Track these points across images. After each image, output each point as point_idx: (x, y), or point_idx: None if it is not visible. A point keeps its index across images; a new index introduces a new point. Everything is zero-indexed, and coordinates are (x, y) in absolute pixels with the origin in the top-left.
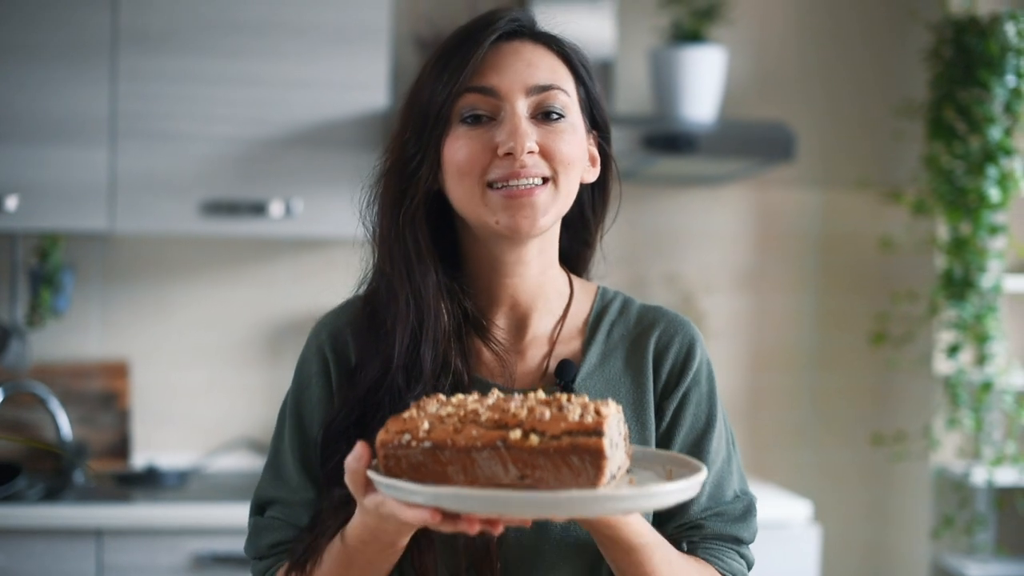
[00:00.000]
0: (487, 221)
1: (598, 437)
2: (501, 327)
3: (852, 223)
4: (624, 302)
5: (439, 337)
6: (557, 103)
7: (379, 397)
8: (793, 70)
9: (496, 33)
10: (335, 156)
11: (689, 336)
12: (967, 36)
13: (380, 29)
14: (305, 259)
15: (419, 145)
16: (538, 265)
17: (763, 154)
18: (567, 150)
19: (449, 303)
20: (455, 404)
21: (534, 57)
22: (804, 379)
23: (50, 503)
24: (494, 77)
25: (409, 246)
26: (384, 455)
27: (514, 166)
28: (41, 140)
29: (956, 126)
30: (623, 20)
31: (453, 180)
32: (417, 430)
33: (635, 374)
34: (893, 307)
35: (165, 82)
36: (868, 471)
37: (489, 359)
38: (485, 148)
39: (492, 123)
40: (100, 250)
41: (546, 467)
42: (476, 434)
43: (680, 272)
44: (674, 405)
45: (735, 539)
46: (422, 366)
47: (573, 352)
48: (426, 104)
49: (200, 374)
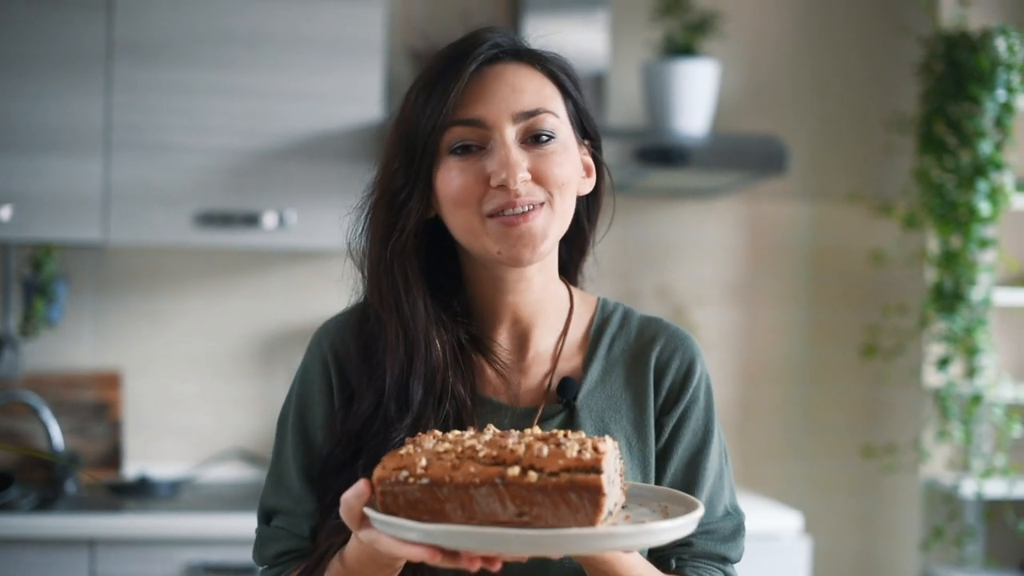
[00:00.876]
0: (488, 250)
1: (596, 474)
2: (503, 345)
3: (843, 236)
4: (624, 314)
5: (432, 368)
6: (546, 126)
7: (374, 428)
8: (785, 84)
9: (477, 61)
10: (329, 168)
11: (690, 352)
12: (958, 51)
13: (374, 41)
14: (298, 270)
15: (408, 176)
16: (539, 281)
17: (755, 167)
18: (559, 172)
19: (443, 332)
20: (452, 440)
21: (518, 80)
22: (795, 391)
23: (43, 513)
24: (479, 108)
25: (397, 279)
26: (381, 491)
27: (509, 196)
28: (36, 150)
29: (947, 140)
30: (616, 34)
31: (449, 211)
32: (414, 467)
33: (636, 390)
34: (884, 320)
35: (160, 93)
36: (858, 483)
37: (493, 377)
38: (478, 179)
39: (482, 152)
40: (93, 260)
41: (544, 504)
42: (474, 471)
43: (672, 284)
44: (673, 421)
45: (722, 558)
46: (412, 398)
47: (574, 368)
48: (412, 135)
49: (193, 385)
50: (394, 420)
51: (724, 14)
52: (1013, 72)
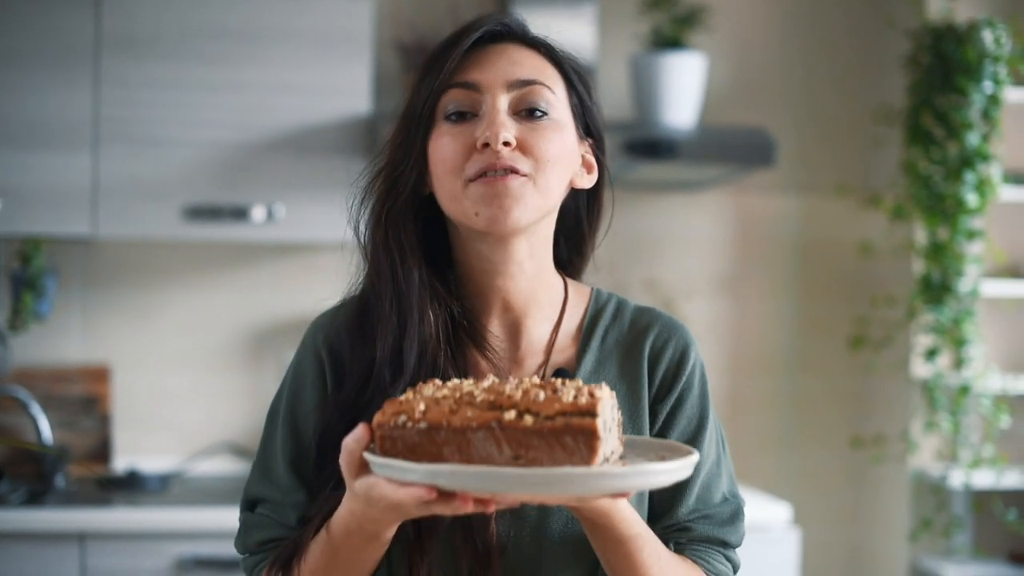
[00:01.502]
0: (468, 215)
1: (592, 418)
2: (497, 335)
3: (831, 228)
4: (618, 305)
5: (425, 337)
6: (541, 100)
7: (368, 396)
8: (773, 77)
9: (480, 31)
10: (317, 161)
11: (683, 340)
12: (945, 43)
13: (362, 35)
14: (287, 264)
15: (406, 146)
16: (530, 268)
17: (743, 160)
18: (547, 147)
19: (436, 306)
20: (451, 387)
21: (520, 56)
22: (784, 383)
23: (32, 507)
24: (476, 73)
25: (392, 246)
26: (380, 436)
27: (491, 158)
28: (24, 144)
29: (934, 132)
30: (604, 26)
31: (438, 180)
32: (413, 411)
33: (630, 380)
34: (872, 311)
35: (148, 87)
36: (847, 474)
37: (486, 368)
38: (466, 144)
39: (475, 120)
40: (82, 254)
41: (540, 447)
42: (471, 415)
43: (660, 277)
44: (667, 408)
45: (722, 542)
46: (405, 361)
47: (568, 359)
48: (412, 105)
49: (182, 378)
50: (387, 386)
51: (711, 7)
52: (1000, 64)
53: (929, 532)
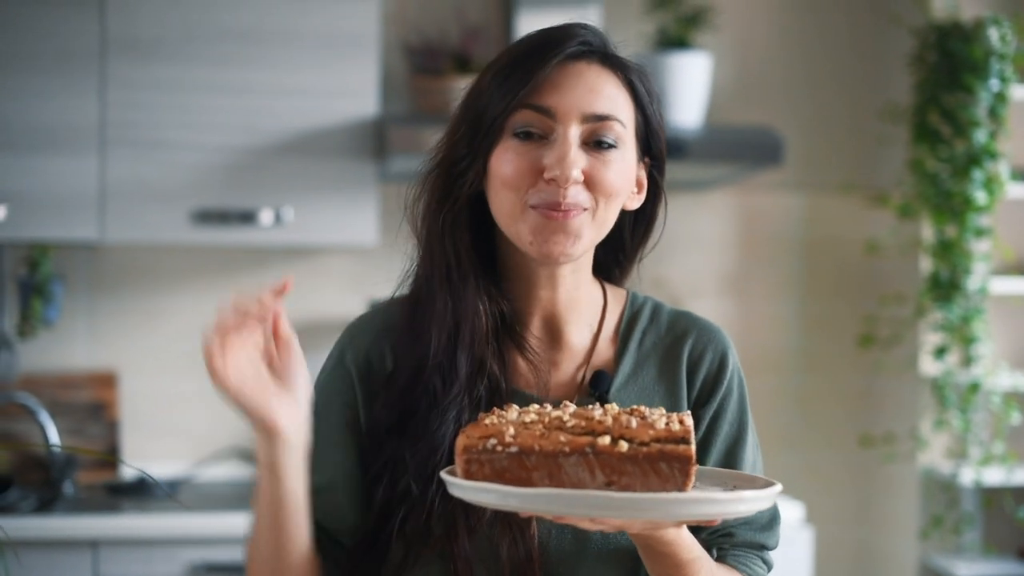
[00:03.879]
0: (522, 240)
1: (687, 445)
2: (536, 336)
3: (838, 227)
4: (654, 308)
5: (476, 339)
6: (611, 134)
7: (415, 399)
8: (778, 75)
9: (564, 53)
10: (325, 164)
11: (722, 345)
12: (951, 41)
13: (369, 37)
14: (295, 267)
15: (469, 149)
16: (572, 282)
17: (750, 159)
18: (612, 180)
19: (488, 305)
20: (537, 412)
21: (597, 83)
22: (791, 382)
23: (43, 514)
24: (553, 97)
25: (448, 248)
26: (467, 459)
27: (556, 195)
28: (30, 149)
29: (941, 130)
30: (609, 26)
31: (496, 190)
32: (503, 435)
33: (668, 383)
34: (880, 309)
35: (154, 91)
36: (857, 473)
37: (524, 370)
38: (532, 167)
39: (543, 142)
40: (88, 260)
41: (634, 473)
42: (564, 440)
43: (666, 276)
44: (709, 415)
45: (761, 546)
46: (457, 368)
47: (606, 361)
48: (482, 111)
49: (189, 383)
50: (438, 392)
51: (716, 7)
52: (1006, 62)
53: (939, 530)
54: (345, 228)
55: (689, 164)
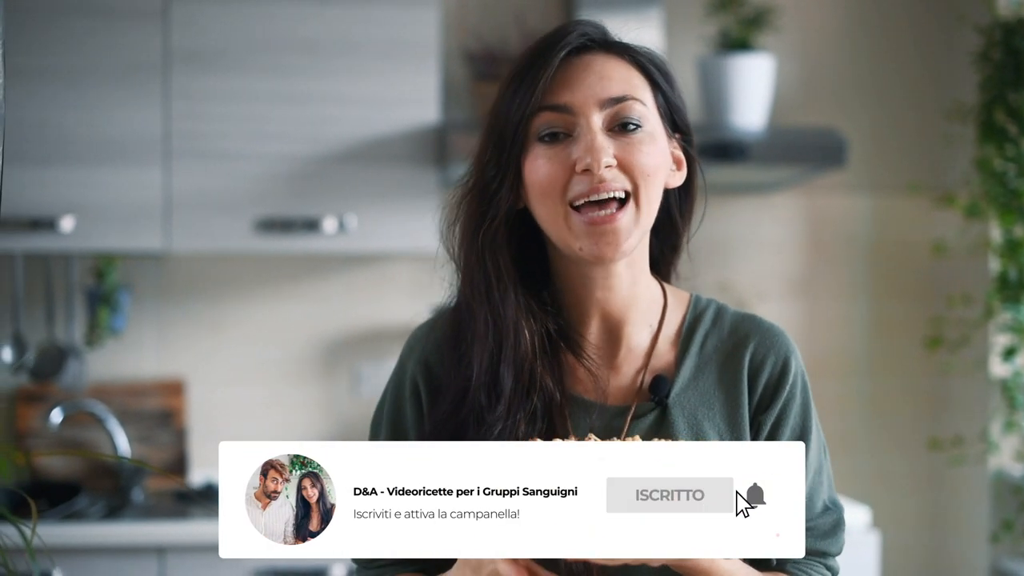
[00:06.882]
0: (571, 246)
1: None
2: (593, 342)
3: (904, 228)
4: (717, 311)
5: (521, 357)
6: (633, 114)
7: (462, 416)
8: (841, 76)
9: (566, 49)
10: (387, 172)
11: (784, 349)
12: (1017, 38)
13: (429, 44)
14: (359, 274)
15: (498, 166)
16: (628, 277)
17: (814, 161)
18: (646, 160)
19: (532, 322)
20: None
21: (606, 69)
22: (858, 385)
23: (111, 521)
24: (566, 94)
25: (488, 267)
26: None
27: (593, 182)
28: (96, 161)
29: (1007, 128)
30: (671, 29)
31: (536, 200)
32: None
33: (729, 388)
34: (947, 311)
35: (217, 101)
36: (926, 476)
37: (583, 375)
38: (564, 166)
39: (569, 140)
40: (155, 269)
41: None
42: None
43: (732, 280)
44: (772, 420)
45: (823, 553)
46: (502, 385)
47: (666, 364)
48: (502, 124)
49: (256, 391)
50: (484, 410)
51: (779, 7)
52: None
53: (1010, 534)
54: (408, 235)
55: (753, 166)
